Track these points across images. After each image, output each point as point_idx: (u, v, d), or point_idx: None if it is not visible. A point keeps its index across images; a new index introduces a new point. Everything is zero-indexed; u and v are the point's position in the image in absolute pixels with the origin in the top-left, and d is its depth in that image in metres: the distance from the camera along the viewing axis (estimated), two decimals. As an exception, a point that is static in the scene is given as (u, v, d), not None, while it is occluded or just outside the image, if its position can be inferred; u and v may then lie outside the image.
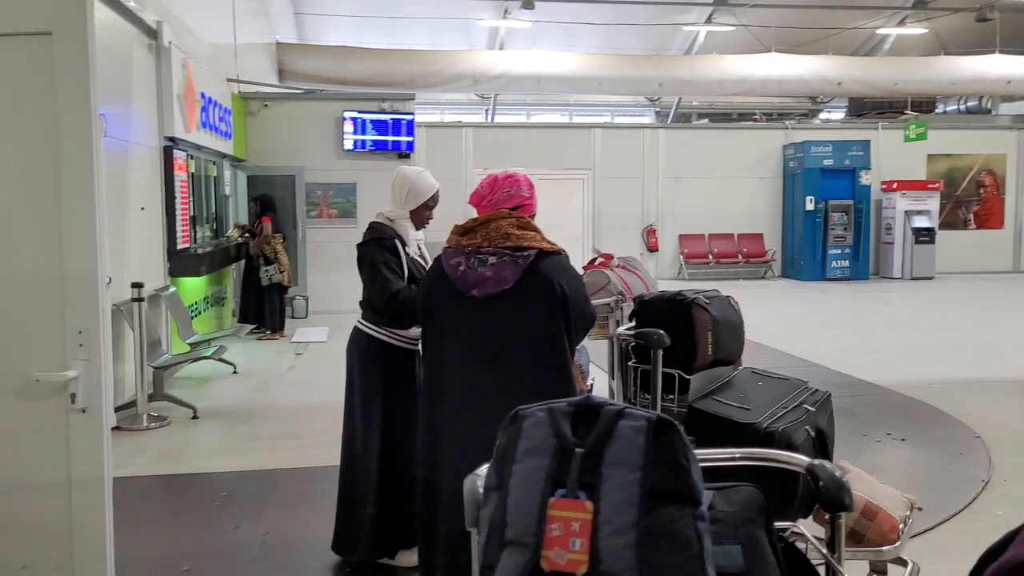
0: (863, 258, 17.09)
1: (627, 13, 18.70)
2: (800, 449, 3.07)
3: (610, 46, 19.36)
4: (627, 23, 19.21)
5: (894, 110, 21.19)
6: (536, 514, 1.34)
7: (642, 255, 17.31)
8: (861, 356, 8.99)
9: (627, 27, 19.43)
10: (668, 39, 21.28)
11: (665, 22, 20.04)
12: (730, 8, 19.23)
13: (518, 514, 1.36)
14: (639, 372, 3.73)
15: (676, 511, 1.33)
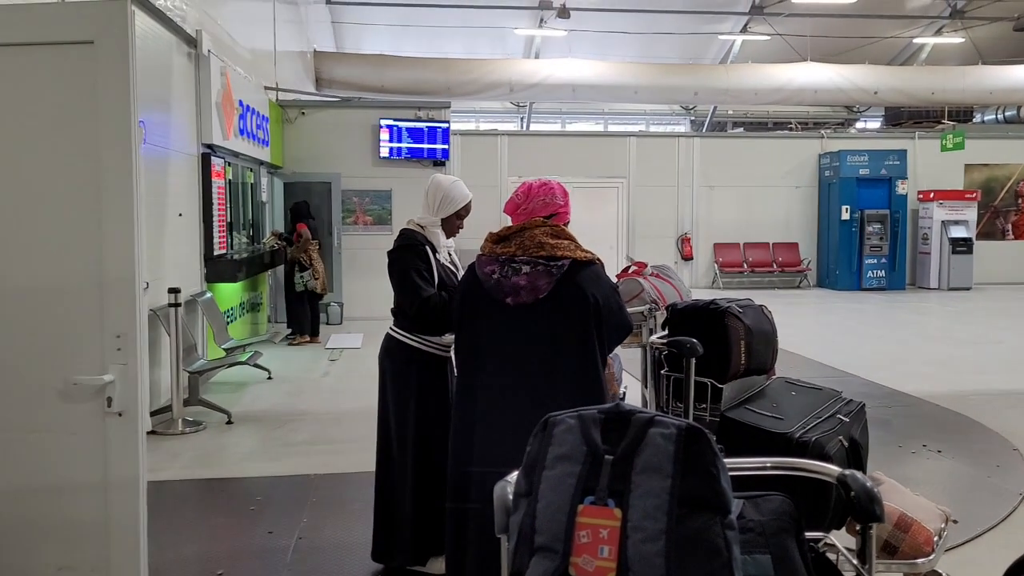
0: (899, 268, 16.86)
1: (662, 22, 18.67)
2: (833, 459, 3.07)
3: (645, 55, 19.34)
4: (662, 32, 19.17)
5: (931, 119, 20.88)
6: (565, 521, 1.34)
7: (676, 264, 17.21)
8: (897, 367, 8.86)
9: (662, 36, 19.39)
10: (703, 48, 21.19)
11: (700, 31, 19.97)
12: (765, 17, 19.11)
13: (547, 521, 1.37)
14: (672, 380, 3.71)
15: (706, 519, 1.32)
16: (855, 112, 23.61)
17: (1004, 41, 19.43)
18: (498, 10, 17.91)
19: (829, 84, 17.82)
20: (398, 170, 12.05)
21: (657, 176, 17.34)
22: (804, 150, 17.84)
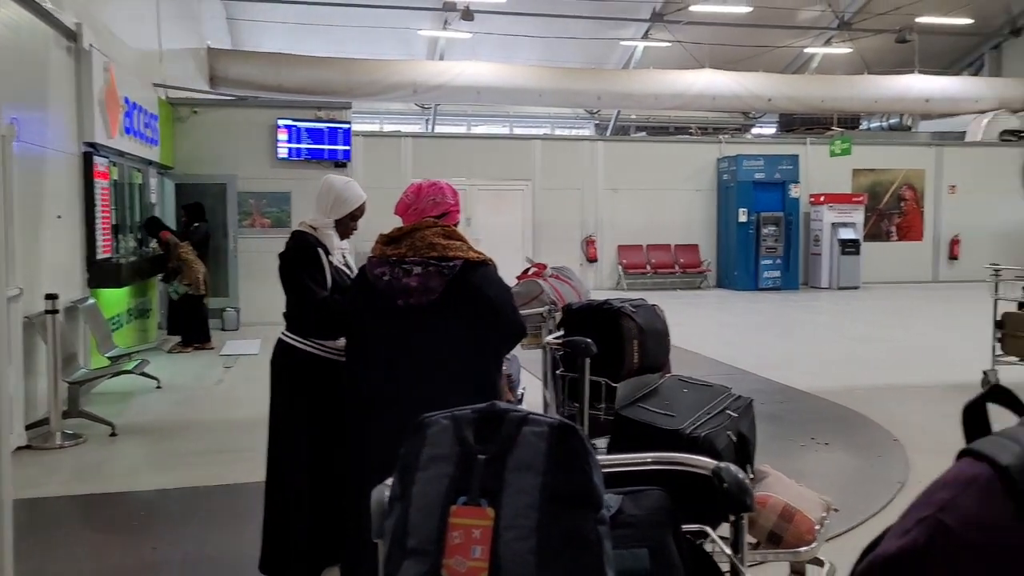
0: (793, 268, 17.47)
1: (566, 27, 18.91)
2: (722, 453, 3.11)
3: (550, 59, 19.54)
4: (566, 36, 19.41)
5: (821, 126, 21.77)
6: (437, 522, 1.33)
7: (581, 266, 17.39)
8: (790, 363, 9.16)
9: (566, 40, 19.64)
10: (607, 53, 21.56)
11: (603, 36, 20.32)
12: (666, 25, 19.59)
13: (419, 523, 1.35)
14: (567, 380, 3.74)
15: (578, 515, 1.33)
16: (751, 118, 24.40)
17: (888, 52, 20.43)
18: (402, 11, 17.80)
19: (726, 91, 18.36)
20: (297, 171, 11.78)
21: (562, 179, 17.50)
22: (704, 154, 18.31)
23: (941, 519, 0.66)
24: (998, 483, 0.65)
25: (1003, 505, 0.64)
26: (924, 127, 22.99)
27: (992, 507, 0.64)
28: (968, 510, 0.65)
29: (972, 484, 0.66)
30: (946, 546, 0.65)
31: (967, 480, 0.67)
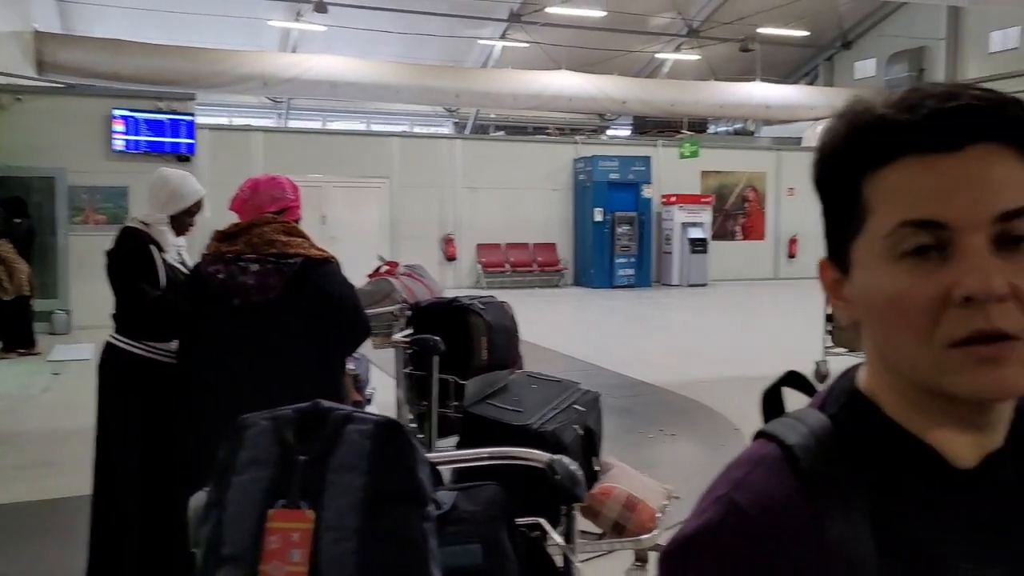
0: (646, 266, 18.05)
1: (424, 24, 18.80)
2: (569, 448, 3.17)
3: (408, 55, 19.38)
4: (424, 34, 19.30)
5: (672, 129, 22.61)
6: (253, 527, 1.28)
7: (440, 264, 17.35)
8: (642, 359, 9.44)
9: (424, 37, 19.53)
10: (465, 52, 21.59)
11: (462, 35, 20.33)
12: (523, 25, 19.81)
13: (235, 529, 1.30)
14: (416, 379, 3.71)
15: (402, 513, 1.32)
16: (607, 120, 25.06)
17: (733, 61, 21.46)
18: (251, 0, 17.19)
19: (582, 92, 18.75)
20: (136, 165, 11.12)
21: (421, 177, 17.39)
22: (561, 155, 18.63)
23: (732, 497, 0.68)
24: (785, 461, 0.68)
25: (789, 482, 0.67)
26: (766, 132, 24.31)
27: (779, 484, 0.67)
28: (757, 487, 0.68)
29: (762, 463, 0.69)
30: (736, 524, 0.67)
31: (758, 459, 0.70)
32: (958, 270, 0.64)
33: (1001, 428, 0.71)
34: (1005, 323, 0.63)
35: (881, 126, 0.67)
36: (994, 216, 0.64)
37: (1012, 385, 0.65)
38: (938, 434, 0.69)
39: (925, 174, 0.65)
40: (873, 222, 0.67)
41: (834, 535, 0.65)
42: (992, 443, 0.70)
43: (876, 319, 0.69)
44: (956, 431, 0.69)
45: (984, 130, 0.65)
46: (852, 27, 23.00)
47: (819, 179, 0.72)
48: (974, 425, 0.69)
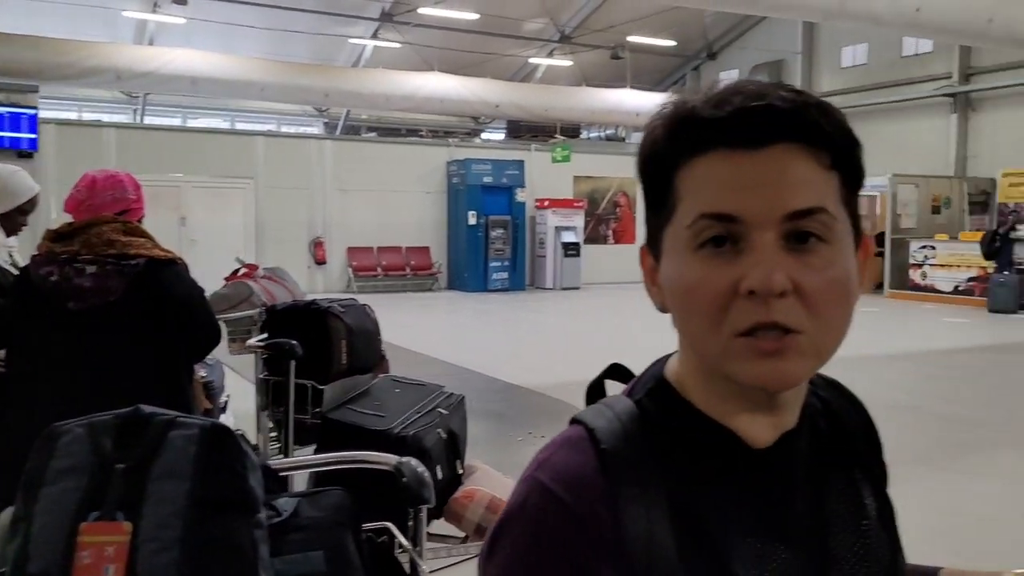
0: (520, 270, 18.21)
1: (292, 20, 18.32)
2: (432, 451, 3.17)
3: (275, 52, 18.84)
4: (293, 30, 18.82)
5: (546, 133, 22.92)
6: (63, 542, 1.22)
7: (310, 268, 16.96)
8: (514, 361, 9.48)
9: (293, 34, 19.04)
10: (335, 50, 21.20)
11: (331, 33, 19.94)
12: (395, 25, 19.63)
13: (43, 544, 1.23)
14: (272, 384, 3.59)
15: (231, 521, 1.29)
16: (481, 123, 25.15)
17: (604, 68, 21.93)
18: (105, -12, 16.32)
19: (455, 95, 18.71)
20: (-28, 160, 10.35)
21: (288, 178, 16.92)
22: (434, 157, 18.56)
23: (536, 475, 0.72)
24: (588, 442, 0.71)
25: (590, 461, 0.70)
26: (636, 139, 24.94)
27: (580, 462, 0.70)
28: (559, 465, 0.71)
29: (565, 444, 0.73)
30: (538, 501, 0.70)
31: (562, 441, 0.74)
32: (747, 264, 0.67)
33: (795, 408, 0.76)
34: (785, 317, 0.67)
35: (693, 119, 0.70)
36: (784, 214, 0.67)
37: (790, 376, 0.69)
38: (735, 417, 0.74)
39: (727, 168, 0.68)
40: (680, 212, 0.71)
41: (630, 512, 0.68)
42: (787, 423, 0.75)
43: (677, 306, 0.73)
44: (752, 414, 0.73)
45: (785, 130, 0.68)
46: (717, 38, 23.96)
47: (640, 168, 0.75)
48: (767, 408, 0.73)
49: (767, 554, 0.71)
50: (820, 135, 0.69)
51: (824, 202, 0.68)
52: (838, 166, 0.70)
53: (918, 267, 16.39)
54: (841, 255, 0.70)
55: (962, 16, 12.06)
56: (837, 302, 0.69)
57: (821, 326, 0.68)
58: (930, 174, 18.01)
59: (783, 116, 0.68)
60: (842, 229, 0.70)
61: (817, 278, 0.68)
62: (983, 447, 6.15)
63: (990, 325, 13.12)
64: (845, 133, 0.70)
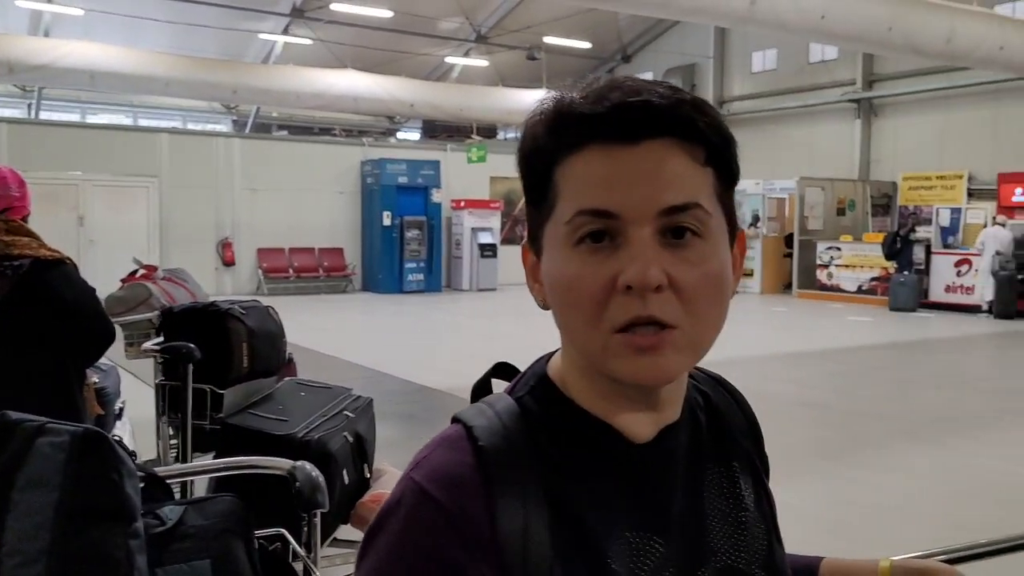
0: (436, 271, 18.08)
1: (198, 14, 17.74)
2: (337, 455, 3.13)
3: (180, 46, 18.24)
4: (199, 24, 18.25)
5: (462, 134, 22.85)
6: None
7: (217, 270, 16.48)
8: (428, 364, 9.37)
9: (199, 28, 18.48)
10: (244, 46, 20.67)
11: (240, 28, 19.43)
12: (306, 21, 19.24)
13: None
14: (168, 389, 3.45)
15: (104, 531, 1.25)
16: (396, 122, 24.91)
17: (521, 68, 22.00)
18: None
19: (369, 93, 18.45)
20: None
21: (195, 176, 16.40)
22: (348, 156, 18.27)
23: (412, 475, 0.71)
24: (466, 440, 0.71)
25: (467, 459, 0.70)
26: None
27: (456, 461, 0.70)
28: (435, 465, 0.71)
29: (444, 443, 0.73)
30: (412, 502, 0.69)
31: (440, 440, 0.74)
32: (625, 259, 0.68)
33: (676, 402, 0.77)
34: (661, 312, 0.68)
35: (571, 115, 0.70)
36: (660, 210, 0.68)
37: (667, 371, 0.70)
38: (616, 413, 0.74)
39: (604, 164, 0.69)
40: (559, 208, 0.71)
41: (506, 509, 0.68)
42: (668, 418, 0.76)
43: (557, 302, 0.73)
44: (632, 409, 0.74)
45: (661, 126, 0.69)
46: (631, 41, 24.30)
47: (521, 164, 0.76)
48: (647, 403, 0.75)
49: (644, 548, 0.72)
50: (695, 131, 0.70)
51: (699, 198, 0.69)
52: (713, 162, 0.71)
53: (824, 267, 16.94)
54: (716, 250, 0.71)
55: (864, 24, 12.50)
56: (712, 297, 0.70)
57: (696, 321, 0.69)
58: (836, 177, 18.65)
59: (659, 112, 0.68)
60: (717, 224, 0.71)
61: (692, 273, 0.69)
62: (883, 440, 6.34)
63: (891, 323, 13.64)
64: (720, 130, 0.71)
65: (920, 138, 18.27)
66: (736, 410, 0.88)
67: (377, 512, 0.72)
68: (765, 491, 0.85)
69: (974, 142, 17.18)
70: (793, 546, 0.98)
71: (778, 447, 4.76)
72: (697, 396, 0.82)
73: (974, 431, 6.62)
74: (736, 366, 10.08)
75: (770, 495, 0.86)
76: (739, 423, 0.87)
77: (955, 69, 16.28)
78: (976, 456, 5.90)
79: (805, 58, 20.39)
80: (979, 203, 16.28)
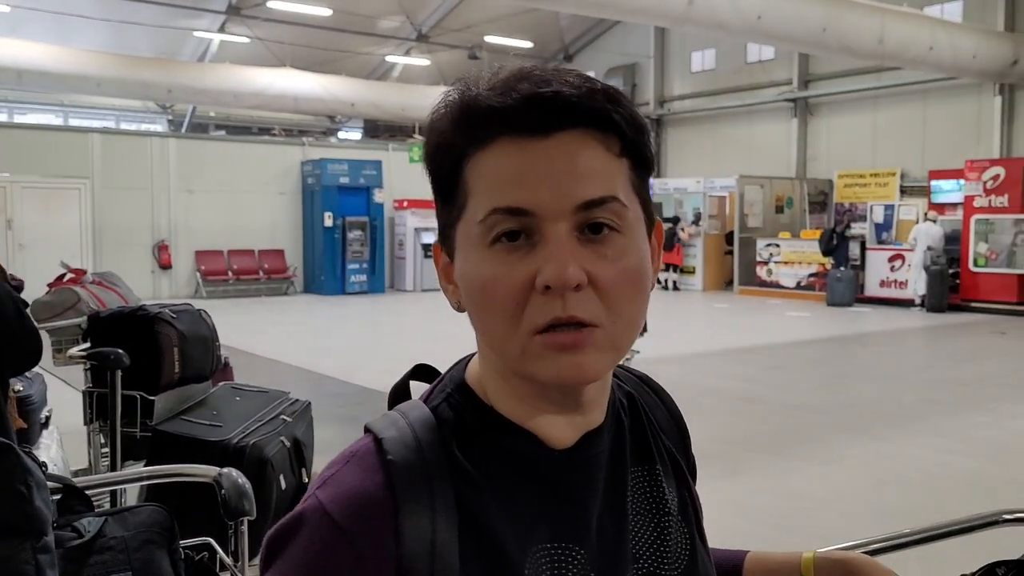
0: (379, 272, 17.92)
1: (132, 11, 17.32)
2: (274, 460, 3.08)
3: (113, 44, 17.80)
4: (132, 22, 17.82)
5: (404, 133, 22.71)
6: None
7: (154, 273, 16.10)
8: (371, 365, 9.28)
9: (133, 26, 18.05)
10: (179, 44, 20.26)
11: (174, 26, 19.02)
12: (243, 19, 18.92)
13: None
14: (96, 396, 3.35)
15: (10, 547, 1.21)
16: (337, 122, 24.64)
17: (462, 67, 21.86)
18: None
19: (309, 92, 18.24)
20: None
21: (129, 178, 15.99)
22: (287, 157, 18.00)
23: (317, 495, 0.67)
24: (375, 455, 0.68)
25: (376, 476, 0.67)
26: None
27: (364, 479, 0.67)
28: (342, 484, 0.67)
29: (352, 458, 0.69)
30: (314, 524, 0.66)
31: (349, 454, 0.70)
32: (542, 257, 0.65)
33: (599, 407, 0.74)
34: (582, 312, 0.65)
35: (478, 108, 0.67)
36: (576, 205, 0.66)
37: (589, 370, 0.67)
38: (536, 418, 0.72)
39: (516, 159, 0.66)
40: (471, 207, 0.68)
41: (413, 526, 0.65)
42: (591, 422, 0.74)
43: (474, 305, 0.70)
44: (552, 414, 0.72)
45: (574, 117, 0.66)
46: (573, 41, 24.43)
47: (427, 161, 0.73)
48: (568, 408, 0.72)
49: (564, 558, 0.70)
50: (609, 122, 0.67)
51: (615, 190, 0.67)
52: (627, 153, 0.69)
53: (764, 264, 17.25)
54: (635, 243, 0.69)
55: (798, 25, 12.77)
56: (632, 293, 0.68)
57: (617, 318, 0.68)
58: (774, 175, 19.01)
59: (571, 103, 0.66)
60: (634, 217, 0.69)
61: (611, 269, 0.67)
62: (820, 433, 6.46)
63: (829, 318, 13.94)
64: (634, 119, 0.69)
65: (854, 136, 18.73)
66: (662, 411, 0.86)
67: (278, 526, 0.68)
68: (690, 493, 0.84)
69: (905, 140, 17.68)
70: (735, 538, 0.97)
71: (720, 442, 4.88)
72: (622, 398, 0.81)
73: (906, 422, 6.80)
74: (679, 363, 10.15)
75: (695, 497, 0.85)
76: (665, 424, 0.85)
77: (887, 69, 16.75)
78: (907, 446, 6.06)
79: (743, 58, 20.75)
80: (911, 200, 16.76)
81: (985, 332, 12.02)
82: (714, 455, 5.78)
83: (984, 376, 8.81)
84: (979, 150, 16.13)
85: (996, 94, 16.32)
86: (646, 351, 9.06)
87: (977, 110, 16.74)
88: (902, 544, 1.33)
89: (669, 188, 19.91)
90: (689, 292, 18.02)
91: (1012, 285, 13.73)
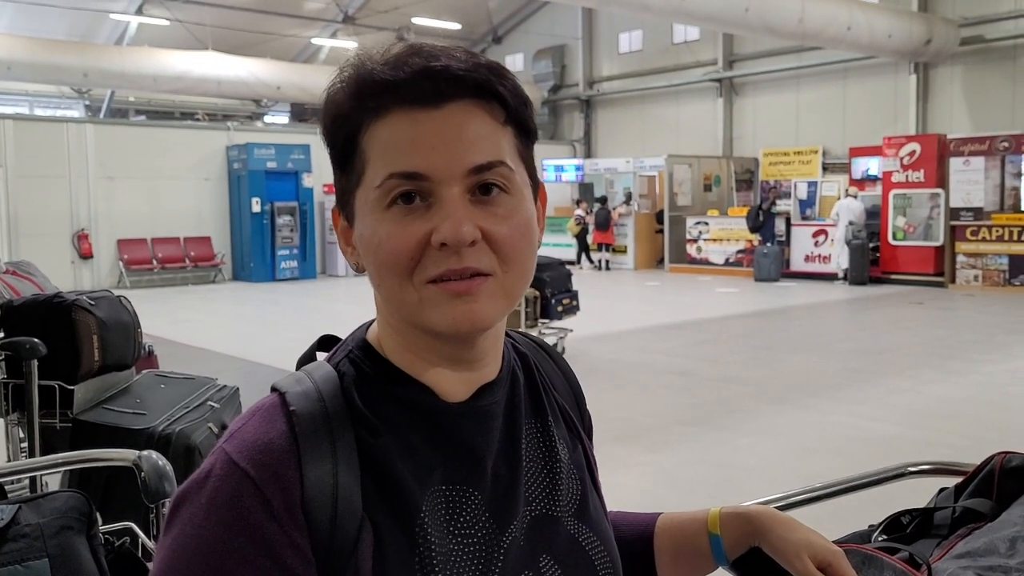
0: (310, 258, 17.69)
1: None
2: (200, 446, 3.04)
3: (24, 27, 17.10)
4: (44, 4, 17.13)
5: (332, 117, 22.39)
6: None
7: (74, 263, 15.59)
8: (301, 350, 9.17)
9: (45, 8, 17.36)
10: (95, 26, 19.58)
11: (88, 7, 18.36)
12: (162, 1, 18.36)
13: None
14: (12, 387, 3.25)
15: None
16: (263, 106, 24.14)
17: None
18: None
19: (232, 76, 17.80)
20: None
21: (45, 165, 15.41)
22: (212, 142, 17.57)
23: (224, 447, 0.70)
24: (280, 408, 0.72)
25: (280, 428, 0.71)
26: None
27: (269, 430, 0.70)
28: (247, 436, 0.70)
29: (258, 412, 0.73)
30: (221, 474, 0.69)
31: (255, 409, 0.73)
32: (438, 217, 0.71)
33: (493, 361, 0.80)
34: (477, 262, 0.72)
35: (373, 81, 0.72)
36: (467, 169, 0.71)
37: (483, 316, 0.73)
38: (431, 373, 0.77)
39: (409, 127, 0.71)
40: (369, 173, 0.73)
41: (315, 471, 0.69)
42: (484, 377, 0.79)
43: (371, 263, 0.74)
44: (447, 368, 0.77)
45: (462, 89, 0.72)
46: (501, 23, 24.35)
47: (325, 132, 0.77)
48: (463, 361, 0.77)
49: (459, 499, 0.75)
50: (494, 93, 0.73)
51: (502, 156, 0.73)
52: (512, 122, 0.75)
53: (694, 242, 17.55)
54: (522, 203, 0.75)
55: (722, 5, 12.96)
56: (523, 247, 0.74)
57: (509, 269, 0.73)
58: (701, 154, 19.31)
59: (460, 76, 0.72)
60: (521, 179, 0.75)
61: (503, 226, 0.73)
62: (747, 404, 6.64)
63: (756, 293, 14.28)
64: (517, 91, 0.76)
65: (778, 115, 19.14)
66: (557, 373, 0.92)
67: (187, 482, 0.71)
68: (584, 448, 0.89)
69: (826, 119, 18.15)
70: (665, 508, 1.01)
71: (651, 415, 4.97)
72: (515, 356, 0.86)
73: (828, 391, 7.02)
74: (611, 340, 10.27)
75: (589, 452, 0.90)
76: (559, 384, 0.91)
77: (808, 49, 17.14)
78: (830, 414, 6.27)
79: (669, 39, 20.98)
80: (833, 176, 17.23)
81: (904, 303, 12.47)
82: (645, 428, 5.89)
83: (902, 345, 9.14)
84: (896, 127, 16.65)
85: (911, 72, 16.86)
86: (579, 329, 9.18)
87: (894, 88, 17.27)
88: (814, 498, 1.39)
89: (600, 168, 20.07)
90: (621, 271, 18.23)
91: (929, 257, 14.26)
